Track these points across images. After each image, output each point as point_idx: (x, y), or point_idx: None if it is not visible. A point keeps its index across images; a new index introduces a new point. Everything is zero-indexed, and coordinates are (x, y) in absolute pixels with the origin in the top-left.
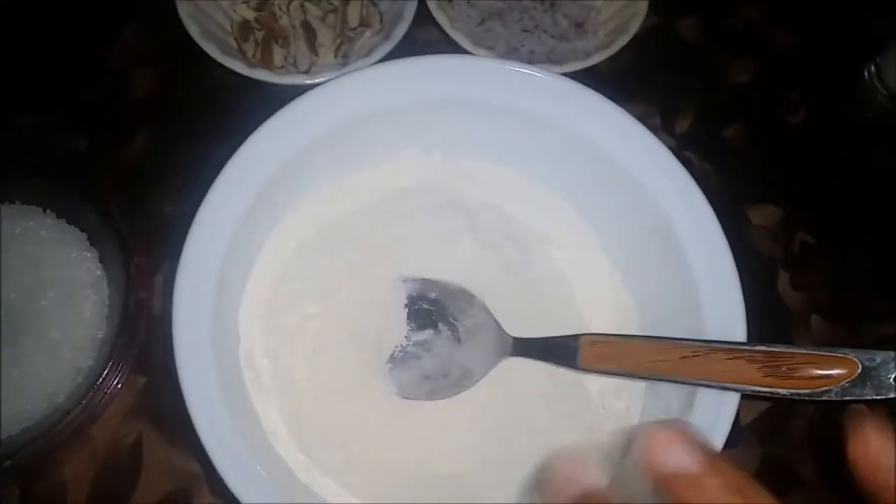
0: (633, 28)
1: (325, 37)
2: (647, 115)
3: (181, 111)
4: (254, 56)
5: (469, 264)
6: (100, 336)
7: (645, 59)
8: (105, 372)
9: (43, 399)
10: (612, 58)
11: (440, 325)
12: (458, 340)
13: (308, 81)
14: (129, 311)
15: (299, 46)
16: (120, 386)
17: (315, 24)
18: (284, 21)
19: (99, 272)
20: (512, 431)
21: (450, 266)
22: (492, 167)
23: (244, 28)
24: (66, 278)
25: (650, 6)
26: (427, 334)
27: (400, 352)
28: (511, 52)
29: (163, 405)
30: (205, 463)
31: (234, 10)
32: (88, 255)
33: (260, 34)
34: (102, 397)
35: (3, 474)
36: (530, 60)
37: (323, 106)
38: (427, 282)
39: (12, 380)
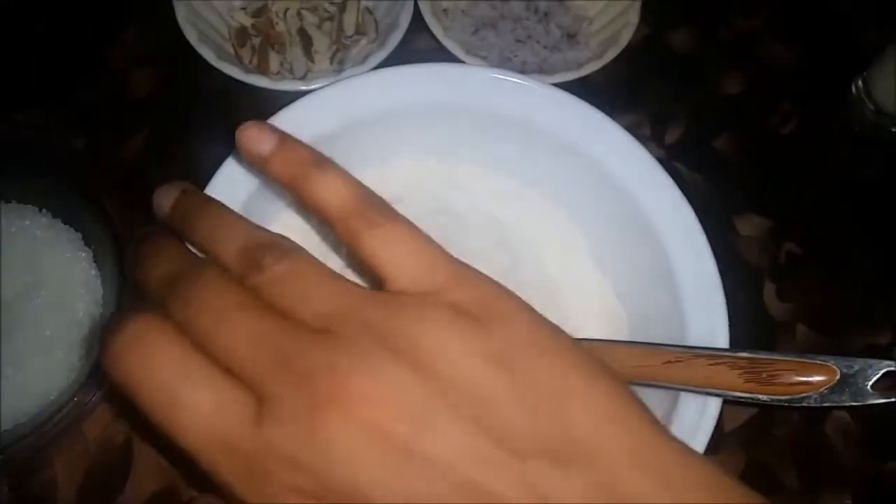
0: (625, 39)
1: (321, 44)
2: (638, 126)
3: (179, 112)
4: (250, 62)
5: None
6: None
7: (637, 70)
8: (97, 370)
9: (35, 396)
10: (603, 68)
11: None
12: None
13: (304, 88)
14: (122, 310)
15: (295, 53)
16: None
17: (311, 31)
18: (281, 28)
19: (93, 272)
20: None
21: None
22: (483, 173)
23: (241, 34)
24: (60, 277)
25: (642, 17)
26: None
27: None
28: (504, 62)
29: None
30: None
31: (231, 17)
32: (83, 254)
33: (257, 40)
34: (94, 395)
35: None
36: (523, 70)
37: (317, 111)
38: None
39: (5, 377)
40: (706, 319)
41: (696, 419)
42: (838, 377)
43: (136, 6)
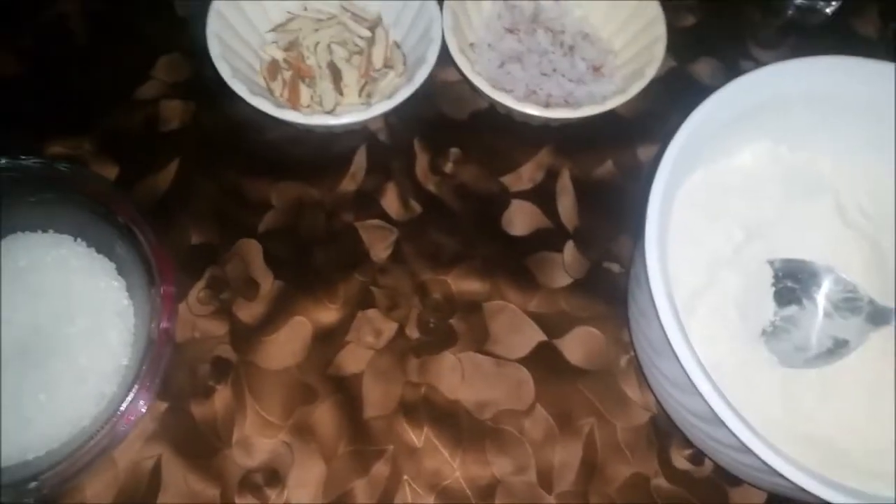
0: (650, 73)
1: (350, 77)
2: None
3: (210, 144)
4: (281, 95)
5: (835, 245)
6: (124, 363)
7: (661, 103)
8: (129, 398)
9: (68, 423)
10: (628, 101)
11: (804, 301)
12: (825, 314)
13: (333, 122)
14: (153, 339)
15: (325, 86)
16: (143, 411)
17: (341, 64)
18: (312, 61)
19: (126, 301)
20: (892, 397)
21: (817, 247)
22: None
23: (273, 68)
24: (94, 306)
25: (667, 50)
26: (792, 310)
27: (770, 327)
28: (529, 95)
29: (182, 430)
30: (223, 488)
31: (263, 50)
32: (116, 284)
33: (288, 74)
34: (125, 422)
35: (28, 495)
36: (548, 104)
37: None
38: (791, 261)
39: (40, 403)
40: None
41: None
42: None
43: (168, 39)
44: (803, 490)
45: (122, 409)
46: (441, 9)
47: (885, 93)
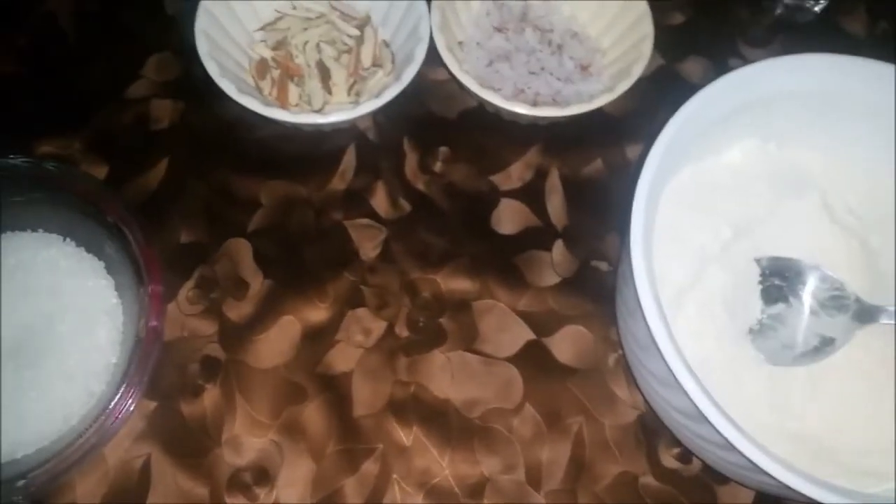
0: (638, 71)
1: (338, 76)
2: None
3: (200, 143)
4: (270, 94)
5: (823, 242)
6: (113, 361)
7: (649, 102)
8: (117, 396)
9: (58, 420)
10: (616, 100)
11: (791, 300)
12: (812, 312)
13: (321, 120)
14: (141, 337)
15: (314, 85)
16: (132, 410)
17: (329, 63)
18: (300, 60)
19: (114, 300)
20: (879, 395)
21: (804, 245)
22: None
23: (261, 66)
24: (83, 305)
25: (655, 48)
26: (779, 308)
27: (757, 325)
28: (517, 94)
29: (172, 429)
30: (213, 486)
31: (252, 49)
32: (105, 283)
33: (276, 73)
34: (114, 420)
35: (17, 493)
36: (535, 102)
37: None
38: (778, 259)
39: (30, 401)
40: None
41: None
42: None
43: (158, 38)
44: (788, 488)
45: (110, 406)
46: (429, 7)
47: (874, 90)
